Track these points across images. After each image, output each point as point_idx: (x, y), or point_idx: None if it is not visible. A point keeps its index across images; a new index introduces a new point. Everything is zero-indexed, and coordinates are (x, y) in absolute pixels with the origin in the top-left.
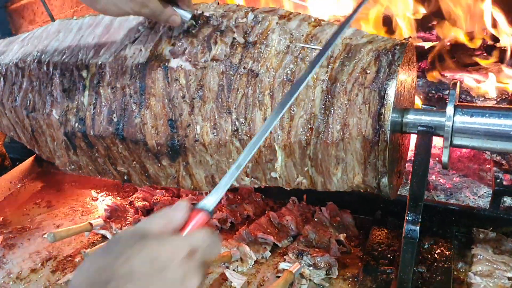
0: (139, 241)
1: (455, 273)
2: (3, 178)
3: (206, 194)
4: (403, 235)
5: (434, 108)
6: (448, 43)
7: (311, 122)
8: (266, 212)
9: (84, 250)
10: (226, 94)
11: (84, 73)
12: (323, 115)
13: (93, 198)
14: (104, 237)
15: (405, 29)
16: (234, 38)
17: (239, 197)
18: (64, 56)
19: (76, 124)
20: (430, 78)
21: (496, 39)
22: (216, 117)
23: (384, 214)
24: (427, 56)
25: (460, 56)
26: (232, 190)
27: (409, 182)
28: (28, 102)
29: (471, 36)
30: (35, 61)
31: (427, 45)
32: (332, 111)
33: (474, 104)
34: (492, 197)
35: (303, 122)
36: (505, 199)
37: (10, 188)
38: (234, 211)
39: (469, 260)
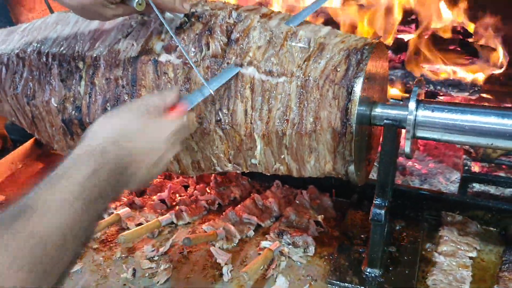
0: (143, 115)
1: (423, 253)
2: (4, 159)
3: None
4: (370, 218)
5: (401, 102)
6: (426, 36)
7: (287, 114)
8: (251, 194)
9: None
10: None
11: (81, 65)
12: (298, 108)
13: None
14: None
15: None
16: (220, 36)
17: (227, 180)
18: (62, 48)
19: (73, 112)
20: (409, 70)
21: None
22: (201, 107)
23: (361, 198)
24: (406, 48)
25: (438, 48)
26: (220, 173)
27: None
28: (29, 90)
29: (447, 30)
30: (35, 52)
31: (406, 37)
32: (306, 104)
33: (435, 100)
34: (461, 183)
35: (280, 114)
36: (473, 185)
37: (12, 169)
38: (222, 193)
39: (436, 241)
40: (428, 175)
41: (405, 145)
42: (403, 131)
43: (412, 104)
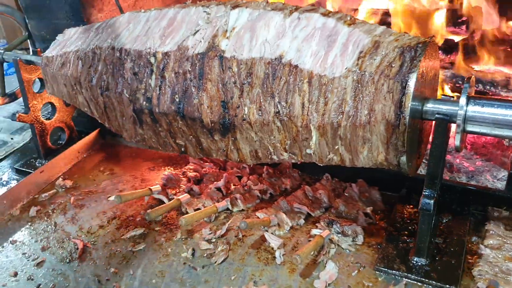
0: None
1: (468, 245)
2: (71, 148)
3: (249, 166)
4: (419, 208)
5: (452, 98)
6: (476, 38)
7: (343, 107)
8: (302, 186)
9: (143, 211)
10: (271, 81)
11: (152, 60)
12: (353, 101)
13: (150, 168)
14: (160, 201)
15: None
16: None
17: (278, 172)
18: (134, 44)
19: (144, 103)
20: (458, 70)
21: None
22: (261, 100)
23: (409, 192)
24: (456, 49)
25: (487, 49)
26: (272, 165)
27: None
28: (103, 82)
29: (497, 31)
30: (109, 48)
31: (457, 38)
32: (361, 97)
33: (486, 96)
34: (508, 180)
35: (336, 106)
36: None
37: (78, 157)
38: (273, 184)
39: (482, 235)
40: (475, 172)
41: (455, 139)
42: (453, 126)
43: (463, 100)
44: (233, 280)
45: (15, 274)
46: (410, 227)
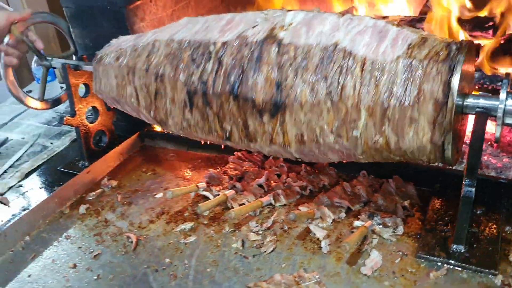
0: None
1: (503, 234)
2: (114, 150)
3: (287, 165)
4: (461, 196)
5: (490, 94)
6: (502, 41)
7: (393, 88)
8: (340, 182)
9: (190, 207)
10: (325, 65)
11: (211, 48)
12: (402, 83)
13: (190, 169)
14: (204, 198)
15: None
16: None
17: (315, 170)
18: (194, 37)
19: (199, 85)
20: (485, 71)
21: None
22: (314, 82)
23: (442, 187)
24: (483, 52)
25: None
26: (310, 164)
27: (464, 160)
28: (159, 69)
29: None
30: (169, 40)
31: (483, 42)
32: (411, 80)
33: None
34: None
35: (386, 88)
36: None
37: (120, 159)
38: (312, 181)
39: None
40: (503, 168)
41: (496, 131)
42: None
43: (503, 95)
44: (284, 268)
45: (74, 266)
46: (446, 218)
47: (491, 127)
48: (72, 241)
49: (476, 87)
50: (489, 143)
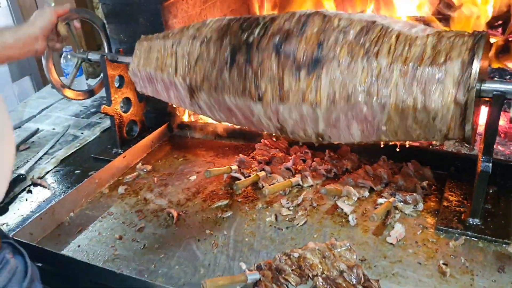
0: None
1: None
2: (147, 138)
3: (311, 152)
4: (478, 171)
5: (505, 80)
6: (510, 39)
7: (423, 54)
8: (362, 166)
9: (223, 187)
10: (365, 34)
11: (260, 19)
12: (432, 50)
13: (219, 155)
14: (236, 179)
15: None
16: None
17: (339, 155)
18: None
19: (244, 45)
20: (495, 66)
21: None
22: (353, 45)
23: (457, 170)
24: (493, 48)
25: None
26: (333, 150)
27: (476, 147)
28: (206, 36)
29: None
30: (219, 18)
31: (492, 40)
32: (440, 49)
33: None
34: None
35: (418, 54)
36: None
37: (151, 147)
38: (335, 165)
39: None
40: (511, 155)
41: (511, 112)
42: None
43: None
44: (316, 238)
45: (120, 237)
46: (461, 197)
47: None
48: (115, 217)
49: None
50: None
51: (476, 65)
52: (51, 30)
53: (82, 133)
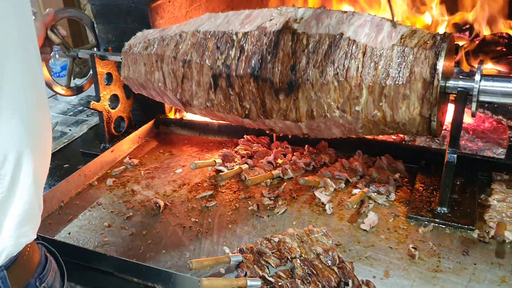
0: None
1: (478, 200)
2: (134, 133)
3: (292, 147)
4: (445, 162)
5: (468, 77)
6: (477, 41)
7: (389, 70)
8: (339, 160)
9: (207, 179)
10: (333, 51)
11: (234, 37)
12: (397, 66)
13: (204, 150)
14: (220, 172)
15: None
16: None
17: (317, 150)
18: (217, 28)
19: (223, 69)
20: (463, 68)
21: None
22: (323, 65)
23: (427, 163)
24: (461, 51)
25: (486, 51)
26: (311, 145)
27: (445, 142)
28: (186, 56)
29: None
30: (195, 31)
31: (462, 43)
32: (404, 64)
33: (495, 74)
34: (507, 150)
35: (383, 70)
36: None
37: (138, 142)
38: (314, 159)
39: (488, 193)
40: (478, 150)
41: (472, 106)
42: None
43: (477, 77)
44: (295, 225)
45: (109, 225)
46: (431, 188)
47: (466, 118)
48: (104, 207)
49: None
50: (465, 131)
51: (437, 84)
52: (42, 42)
53: (70, 129)
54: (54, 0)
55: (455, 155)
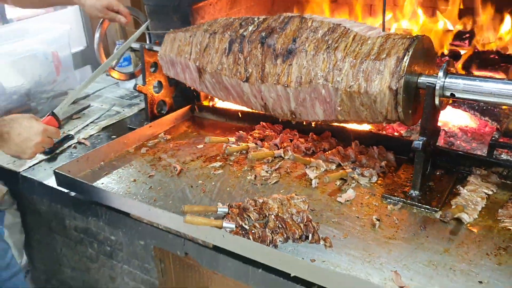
0: (28, 117)
1: (453, 190)
2: (170, 115)
3: (299, 134)
4: (412, 147)
5: (435, 74)
6: (476, 50)
7: (371, 51)
8: (337, 147)
9: (221, 153)
10: (329, 33)
11: (255, 19)
12: (378, 48)
13: (226, 133)
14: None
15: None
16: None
17: (320, 138)
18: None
19: (239, 37)
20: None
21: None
22: (319, 41)
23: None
24: (460, 58)
25: (483, 59)
26: (317, 133)
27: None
28: (214, 30)
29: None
30: (227, 18)
31: (462, 50)
32: (385, 47)
33: (458, 72)
34: (488, 148)
35: (366, 50)
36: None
37: (174, 123)
38: (316, 145)
39: (464, 184)
40: (471, 150)
41: (435, 100)
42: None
43: (440, 74)
44: (281, 192)
45: (134, 180)
46: (411, 176)
47: (470, 122)
48: (134, 167)
49: None
50: (463, 132)
51: (406, 60)
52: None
53: (123, 110)
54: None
55: (421, 142)
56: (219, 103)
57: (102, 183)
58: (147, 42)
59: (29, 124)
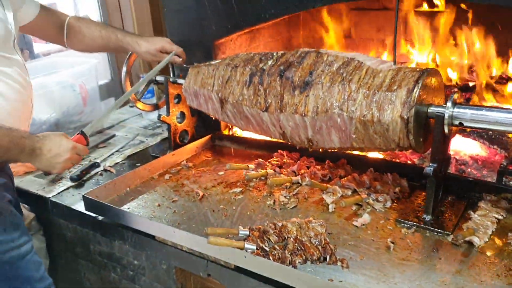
0: (60, 135)
1: (465, 215)
2: (193, 144)
3: (316, 161)
4: (423, 172)
5: (445, 105)
6: (484, 82)
7: (383, 83)
8: (352, 174)
9: (241, 180)
10: (344, 67)
11: (275, 54)
12: (389, 81)
13: (245, 160)
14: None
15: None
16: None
17: (336, 165)
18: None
19: (259, 71)
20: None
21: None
22: (334, 73)
23: None
24: (470, 89)
25: (489, 90)
26: (333, 160)
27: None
28: (236, 63)
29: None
30: (247, 53)
31: (471, 83)
32: (396, 79)
33: (466, 103)
34: (497, 175)
35: (378, 82)
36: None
37: (195, 151)
38: (332, 172)
39: (475, 210)
40: (481, 177)
41: (444, 129)
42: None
43: (449, 104)
44: (300, 217)
45: (159, 205)
46: (424, 201)
47: (481, 151)
48: (158, 193)
49: None
50: (473, 160)
51: (416, 91)
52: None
53: (147, 139)
54: (146, 27)
55: (432, 169)
56: (238, 132)
57: (129, 208)
58: (171, 75)
59: (59, 141)
